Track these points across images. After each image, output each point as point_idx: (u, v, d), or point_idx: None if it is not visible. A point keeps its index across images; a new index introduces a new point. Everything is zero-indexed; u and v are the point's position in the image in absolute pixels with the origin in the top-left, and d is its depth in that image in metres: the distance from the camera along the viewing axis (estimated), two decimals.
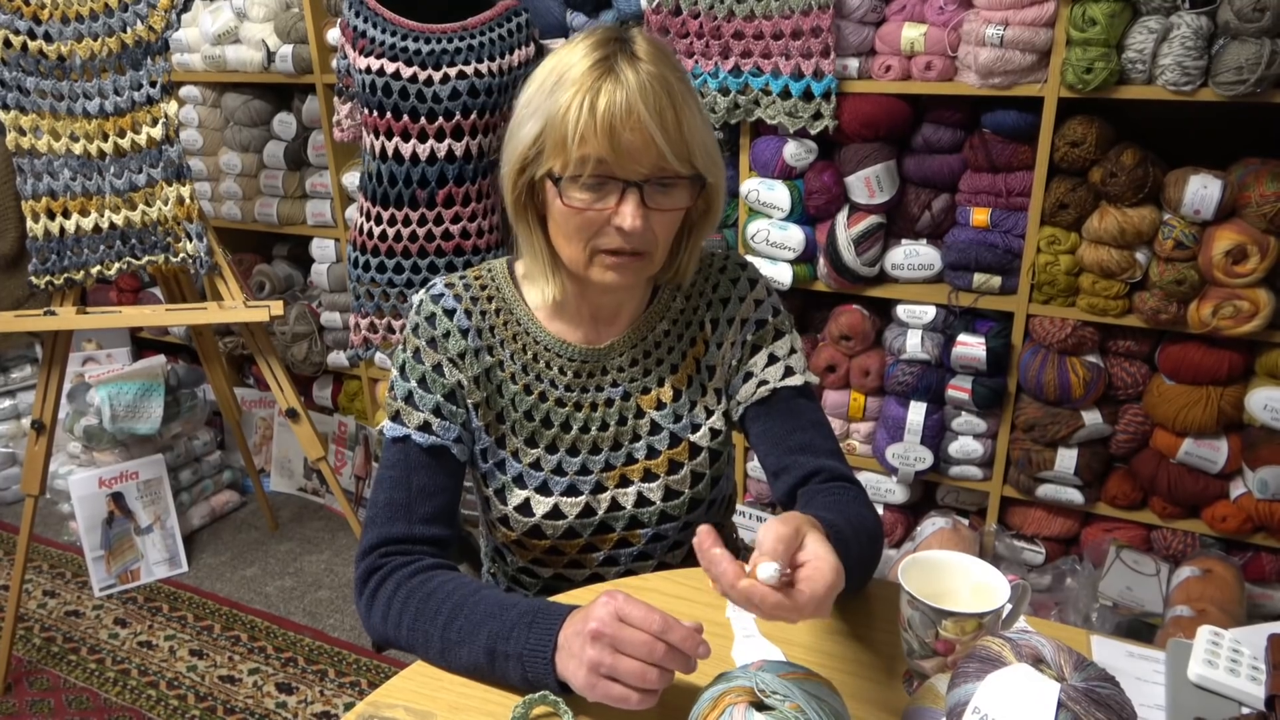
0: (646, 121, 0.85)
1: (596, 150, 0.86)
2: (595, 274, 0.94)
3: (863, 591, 0.99)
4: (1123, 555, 1.97)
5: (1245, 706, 0.82)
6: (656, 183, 0.89)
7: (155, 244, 2.03)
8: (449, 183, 1.88)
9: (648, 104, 0.85)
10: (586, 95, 0.86)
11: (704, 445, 1.06)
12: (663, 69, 0.88)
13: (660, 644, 0.74)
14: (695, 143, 0.90)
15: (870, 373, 2.14)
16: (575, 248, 0.93)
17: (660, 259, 0.97)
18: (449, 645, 0.88)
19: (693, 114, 0.89)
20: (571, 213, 0.90)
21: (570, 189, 0.89)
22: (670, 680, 0.75)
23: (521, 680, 0.83)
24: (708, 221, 1.00)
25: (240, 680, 2.15)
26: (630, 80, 0.86)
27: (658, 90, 0.86)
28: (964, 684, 0.66)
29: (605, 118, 0.85)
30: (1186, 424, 1.84)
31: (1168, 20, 1.66)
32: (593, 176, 0.88)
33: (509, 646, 0.83)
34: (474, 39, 1.85)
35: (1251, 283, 1.71)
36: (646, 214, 0.89)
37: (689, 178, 0.91)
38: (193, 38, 2.65)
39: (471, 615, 0.87)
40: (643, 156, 0.87)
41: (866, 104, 1.95)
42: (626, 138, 0.86)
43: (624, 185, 0.88)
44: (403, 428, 0.99)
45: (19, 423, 3.03)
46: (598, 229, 0.91)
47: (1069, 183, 1.83)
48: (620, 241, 0.91)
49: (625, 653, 0.74)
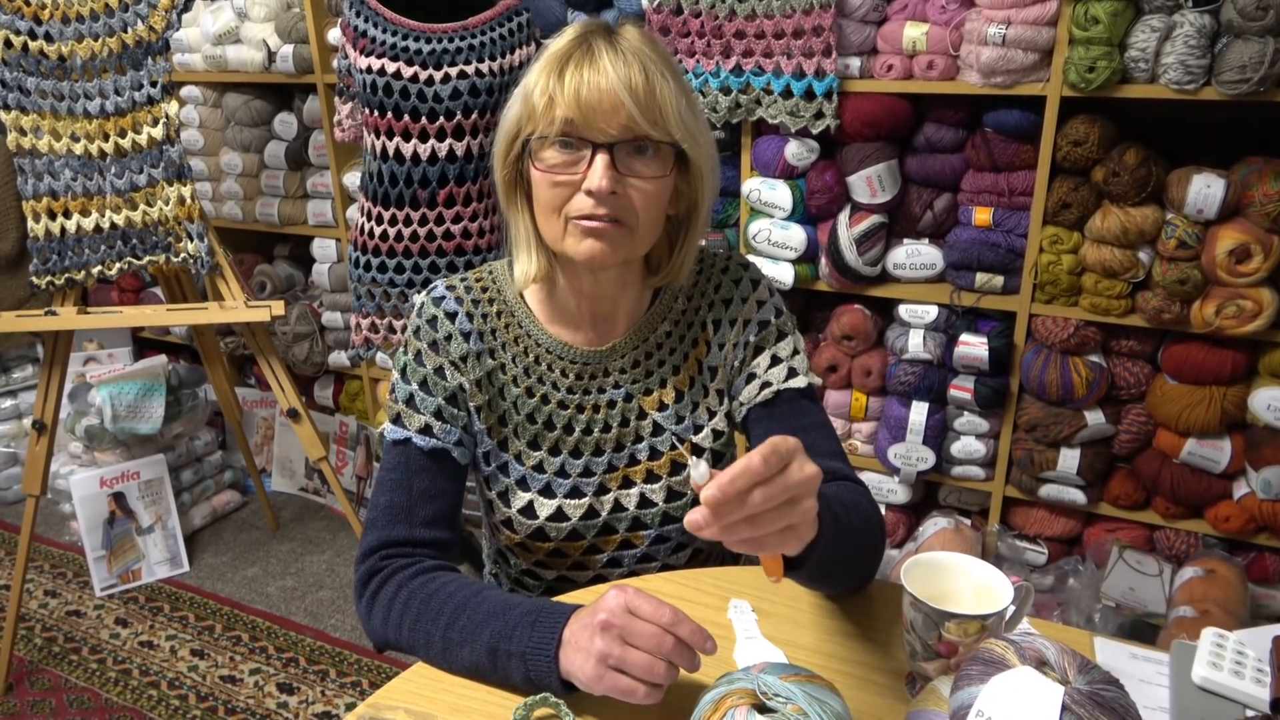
0: (614, 81, 0.86)
1: (565, 111, 0.87)
2: (571, 245, 0.92)
3: (864, 591, 0.99)
4: (1125, 555, 1.96)
5: (1250, 709, 0.81)
6: (629, 146, 0.89)
7: (156, 244, 2.03)
8: (450, 182, 1.88)
9: (617, 69, 0.86)
10: (559, 62, 0.88)
11: (706, 446, 1.06)
12: (642, 47, 0.89)
13: (669, 637, 0.73)
14: (668, 109, 0.89)
15: (872, 372, 2.14)
16: (552, 220, 0.92)
17: (644, 236, 0.94)
18: (450, 646, 0.87)
19: (667, 84, 0.89)
20: (545, 178, 0.90)
21: (541, 151, 0.90)
22: (676, 676, 0.75)
23: (524, 680, 0.83)
24: (698, 215, 0.99)
25: (241, 680, 2.15)
26: (603, 50, 0.88)
27: (629, 59, 0.87)
28: (967, 687, 0.66)
29: (573, 80, 0.87)
30: (1189, 424, 1.84)
31: (1170, 19, 1.66)
32: (562, 135, 0.88)
33: (511, 645, 0.83)
34: (475, 38, 1.85)
35: (1255, 282, 1.71)
36: (619, 179, 0.89)
37: (665, 144, 0.90)
38: (193, 38, 2.65)
39: (474, 615, 0.87)
40: (611, 118, 0.87)
41: (868, 103, 1.94)
42: (593, 96, 0.86)
43: (594, 147, 0.88)
44: (404, 431, 0.99)
45: (20, 422, 3.03)
46: (571, 195, 0.90)
47: (1071, 182, 1.83)
48: (591, 206, 0.89)
49: (634, 645, 0.74)
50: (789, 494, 0.66)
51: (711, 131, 2.12)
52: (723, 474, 0.65)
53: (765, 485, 0.65)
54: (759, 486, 0.65)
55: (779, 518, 0.67)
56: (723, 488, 0.64)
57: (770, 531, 0.67)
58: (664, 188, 0.93)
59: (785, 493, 0.66)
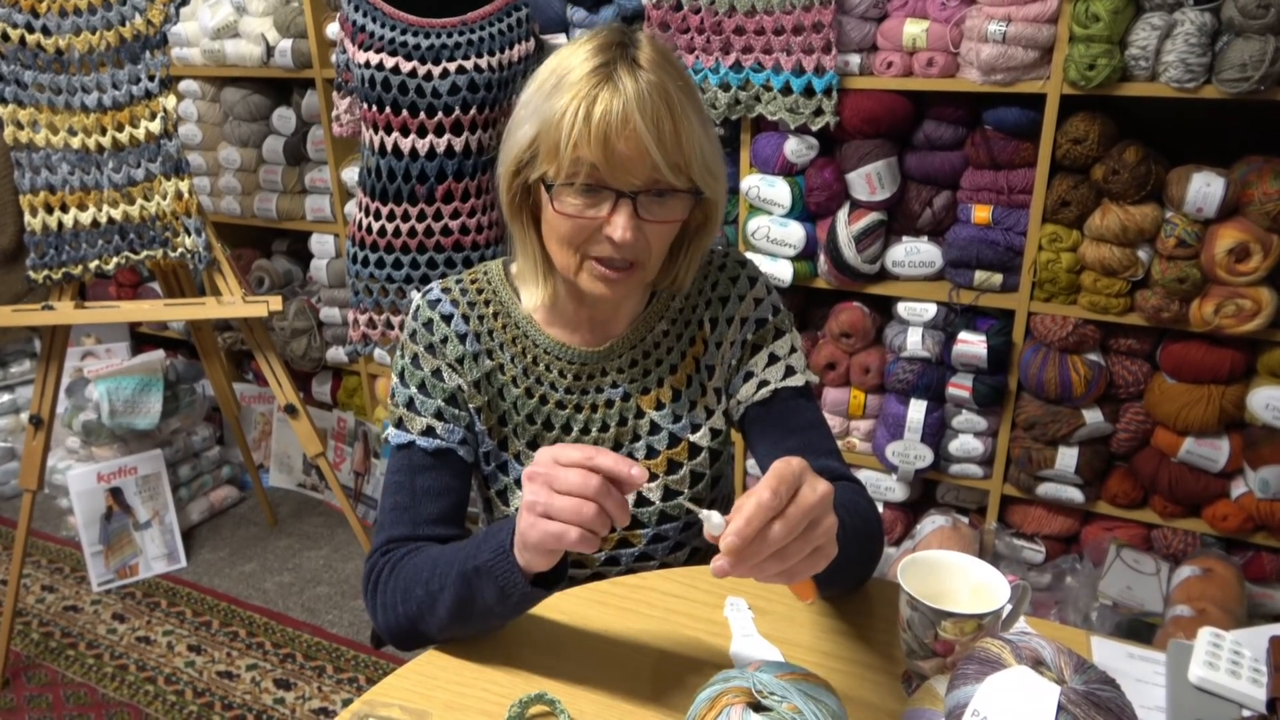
0: (642, 132, 0.84)
1: (589, 158, 0.85)
2: (585, 282, 0.93)
3: (861, 590, 0.99)
4: (1123, 554, 1.96)
5: (1246, 709, 0.81)
6: (651, 193, 0.88)
7: (154, 239, 2.02)
8: (448, 178, 1.88)
9: (644, 114, 0.84)
10: (582, 102, 0.84)
11: (704, 445, 1.06)
12: (664, 77, 0.86)
13: (594, 477, 0.72)
14: (692, 155, 0.88)
15: (870, 370, 2.14)
16: (566, 253, 0.92)
17: (653, 269, 0.95)
18: (434, 597, 0.87)
19: (692, 125, 0.87)
20: (563, 219, 0.89)
21: (562, 195, 0.88)
22: (607, 524, 0.73)
23: (497, 596, 0.82)
24: (706, 233, 0.99)
25: (238, 676, 2.15)
26: (628, 88, 0.84)
27: (656, 100, 0.85)
28: (963, 686, 0.66)
29: (600, 126, 0.83)
30: (1188, 423, 1.84)
31: (1171, 16, 1.65)
32: (585, 184, 0.87)
33: (477, 561, 0.83)
34: (473, 34, 1.84)
35: (1254, 281, 1.70)
36: (639, 225, 0.88)
37: (685, 190, 0.90)
38: (192, 32, 2.64)
39: (447, 558, 0.88)
40: (637, 167, 0.86)
41: (868, 100, 1.94)
42: (620, 147, 0.84)
43: (617, 195, 0.87)
44: (406, 434, 0.99)
45: (18, 417, 3.03)
46: (589, 236, 0.90)
47: (1071, 180, 1.83)
48: (611, 251, 0.89)
49: (560, 490, 0.73)
50: (808, 519, 0.67)
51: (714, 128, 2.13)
52: (736, 519, 0.65)
53: (782, 518, 0.65)
54: (776, 520, 0.65)
55: (804, 544, 0.67)
56: (740, 534, 0.64)
57: (799, 559, 0.68)
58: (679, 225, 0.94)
59: (804, 519, 0.66)
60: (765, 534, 0.65)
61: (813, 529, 0.67)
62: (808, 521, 0.66)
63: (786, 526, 0.65)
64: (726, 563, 0.65)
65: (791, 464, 0.67)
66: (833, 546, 0.70)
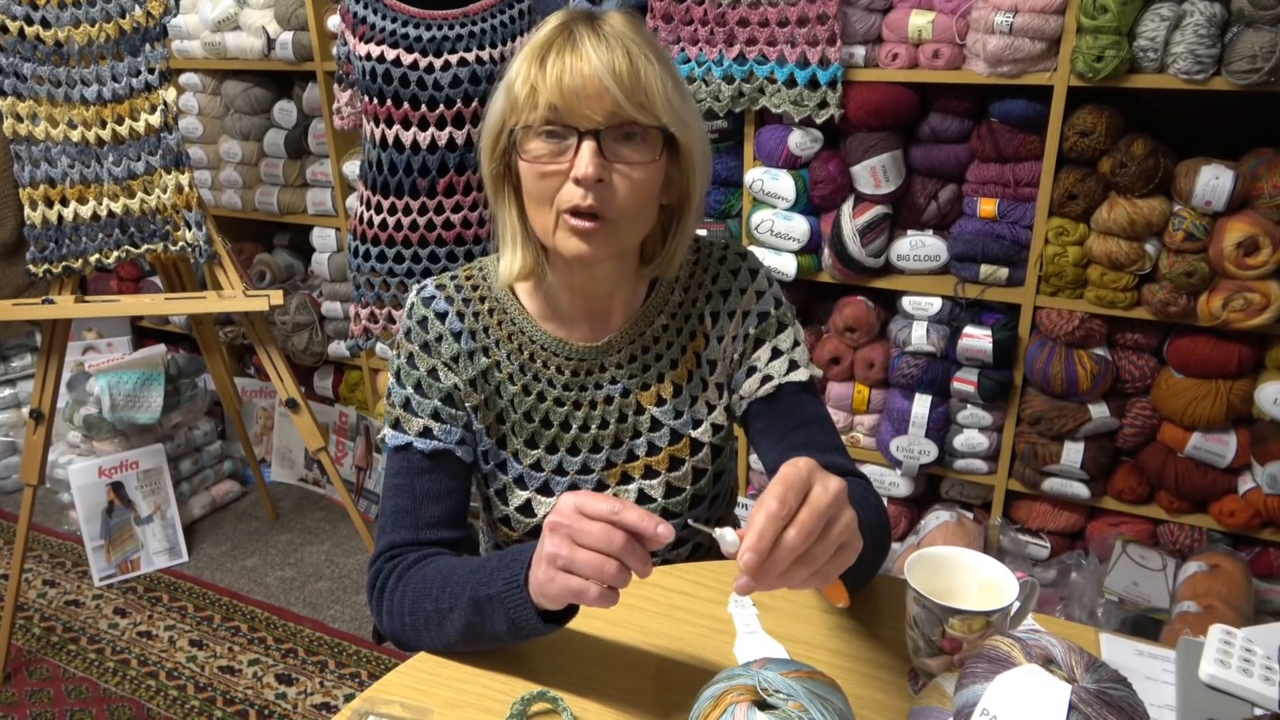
0: (597, 66, 0.84)
1: (548, 98, 0.85)
2: (561, 241, 0.90)
3: (868, 587, 0.98)
4: (1129, 550, 1.95)
5: (1258, 707, 0.80)
6: (616, 132, 0.87)
7: (154, 232, 2.02)
8: (450, 171, 1.86)
9: (599, 54, 0.84)
10: (539, 52, 0.86)
11: (705, 441, 1.05)
12: (626, 31, 0.87)
13: (618, 533, 0.70)
14: (653, 91, 0.86)
15: (875, 365, 2.13)
16: (542, 212, 0.90)
17: (629, 230, 0.92)
18: (443, 615, 0.86)
19: (652, 67, 0.87)
20: (533, 169, 0.88)
21: (527, 142, 0.88)
22: (629, 578, 0.72)
23: (508, 626, 0.81)
24: (691, 203, 0.96)
25: (240, 671, 2.14)
26: (585, 36, 0.85)
27: (612, 43, 0.85)
28: (972, 684, 0.65)
29: (555, 67, 0.85)
30: (1195, 418, 1.82)
31: (1180, 7, 1.64)
32: (546, 124, 0.86)
33: (490, 589, 0.82)
34: (475, 25, 1.83)
35: (1263, 275, 1.69)
36: (607, 166, 0.86)
37: (654, 129, 0.88)
38: (192, 24, 2.63)
39: (459, 577, 0.87)
40: (596, 104, 0.85)
41: (873, 93, 1.92)
42: (576, 82, 0.84)
43: (580, 135, 0.86)
44: (404, 435, 0.98)
45: (19, 411, 3.02)
46: (559, 185, 0.88)
47: (1078, 173, 1.81)
48: (579, 199, 0.87)
49: (582, 544, 0.72)
50: (823, 520, 0.66)
51: (714, 120, 2.12)
52: (748, 534, 0.64)
53: (795, 524, 0.64)
54: (790, 528, 0.64)
55: (827, 544, 0.66)
56: (755, 549, 0.63)
57: (825, 560, 0.67)
58: (653, 174, 0.90)
59: (819, 520, 0.65)
60: (781, 543, 0.64)
61: (831, 527, 0.66)
62: (823, 522, 0.65)
63: (801, 532, 0.64)
64: (749, 580, 0.65)
65: (799, 466, 0.66)
66: (857, 540, 0.69)
